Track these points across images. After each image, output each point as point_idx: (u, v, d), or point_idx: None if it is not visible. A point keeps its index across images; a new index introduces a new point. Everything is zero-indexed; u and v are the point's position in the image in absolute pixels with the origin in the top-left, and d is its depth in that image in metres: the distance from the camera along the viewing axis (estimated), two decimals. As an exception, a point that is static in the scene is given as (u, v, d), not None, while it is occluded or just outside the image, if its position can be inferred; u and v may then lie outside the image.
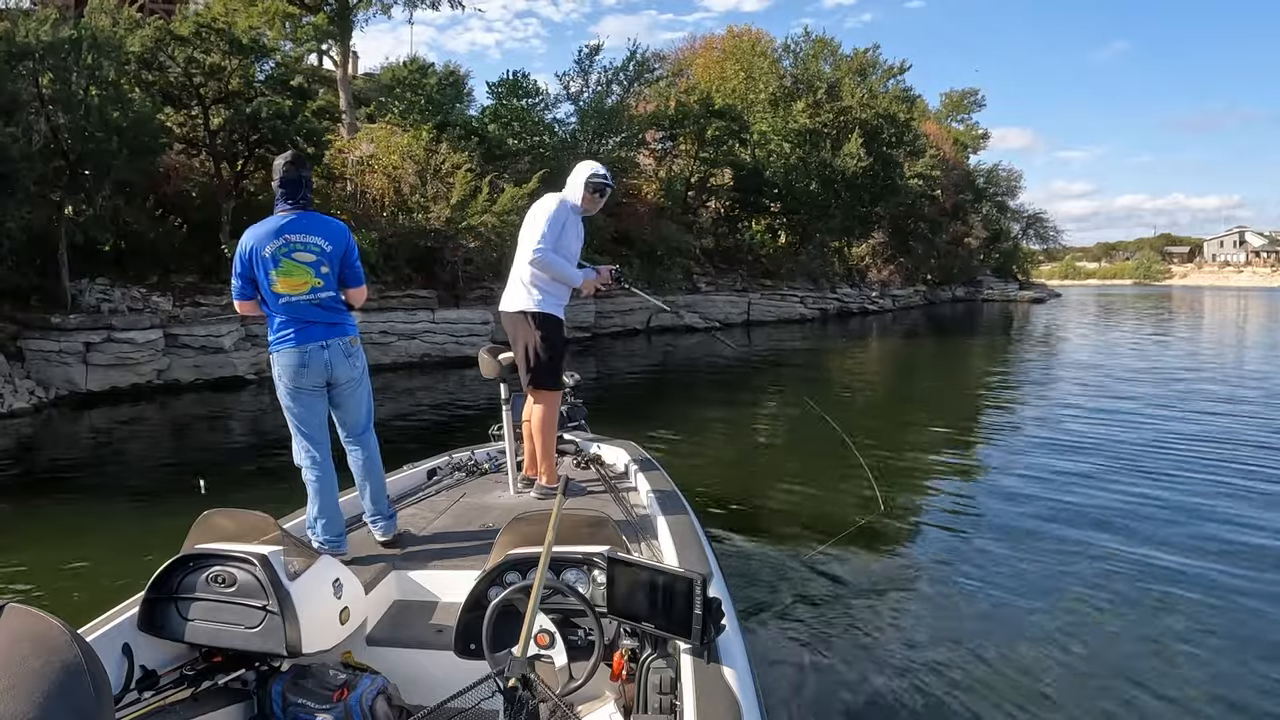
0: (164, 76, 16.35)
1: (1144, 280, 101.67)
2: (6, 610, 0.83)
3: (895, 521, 7.00)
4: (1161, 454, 9.35)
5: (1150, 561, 5.89)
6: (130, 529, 7.13)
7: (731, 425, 12.75)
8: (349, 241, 3.71)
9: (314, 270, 3.58)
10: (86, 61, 13.77)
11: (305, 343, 3.59)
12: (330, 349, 3.63)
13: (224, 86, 16.01)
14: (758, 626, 4.79)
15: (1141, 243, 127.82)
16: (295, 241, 3.54)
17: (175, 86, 16.47)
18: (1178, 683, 4.26)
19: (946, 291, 51.24)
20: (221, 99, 16.33)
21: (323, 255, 3.59)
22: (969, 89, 63.98)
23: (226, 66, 16.24)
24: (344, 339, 3.68)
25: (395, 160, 20.02)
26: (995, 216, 59.52)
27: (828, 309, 37.30)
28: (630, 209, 28.15)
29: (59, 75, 13.61)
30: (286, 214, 3.58)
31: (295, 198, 3.60)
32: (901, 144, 39.20)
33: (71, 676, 0.78)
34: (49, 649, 0.79)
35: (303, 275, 3.56)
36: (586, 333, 24.92)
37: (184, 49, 15.95)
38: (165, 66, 16.18)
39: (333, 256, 3.62)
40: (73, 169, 14.11)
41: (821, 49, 37.62)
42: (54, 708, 0.74)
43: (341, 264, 3.68)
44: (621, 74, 28.27)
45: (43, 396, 13.50)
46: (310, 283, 3.58)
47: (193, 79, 16.18)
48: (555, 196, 4.49)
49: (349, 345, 3.71)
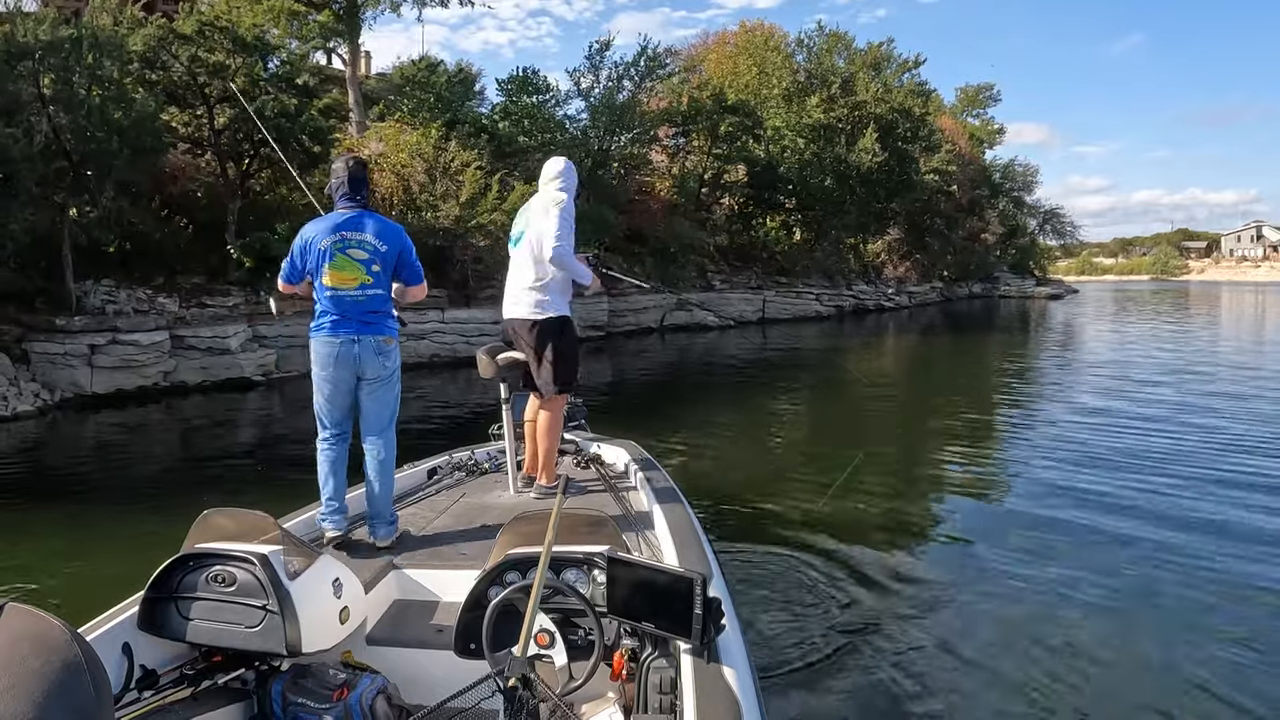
0: (168, 76, 16.21)
1: (1161, 276, 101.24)
2: (6, 609, 0.82)
3: (899, 524, 6.92)
4: (1194, 459, 8.97)
5: (1184, 570, 5.77)
6: (129, 532, 7.02)
7: (743, 425, 12.53)
8: (404, 243, 3.82)
9: (365, 268, 3.71)
10: (87, 61, 13.60)
11: (338, 334, 3.72)
12: (361, 344, 3.73)
13: (228, 85, 15.79)
14: (758, 626, 4.78)
15: (1158, 238, 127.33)
16: (351, 239, 3.70)
17: (179, 86, 16.34)
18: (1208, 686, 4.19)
19: (963, 288, 51.17)
20: (226, 98, 16.15)
21: (376, 254, 3.72)
22: (984, 84, 63.42)
23: (230, 65, 16.08)
24: (378, 337, 3.77)
25: (403, 158, 19.80)
26: (1012, 212, 59.45)
27: (843, 306, 37.03)
28: (643, 206, 27.95)
29: (60, 75, 13.48)
30: (346, 211, 3.76)
31: (356, 196, 3.77)
32: (917, 139, 38.82)
33: (71, 676, 0.78)
34: (49, 648, 0.79)
35: (354, 271, 3.70)
36: (600, 331, 24.71)
37: (187, 47, 15.80)
38: (168, 65, 16.03)
39: (387, 256, 3.75)
40: (76, 170, 13.99)
41: (835, 43, 37.27)
42: (54, 707, 0.75)
43: (398, 263, 3.81)
44: (633, 69, 27.96)
45: (48, 399, 13.37)
46: (360, 279, 3.71)
47: (197, 78, 16.02)
48: (563, 193, 4.44)
49: (382, 344, 3.78)
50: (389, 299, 3.85)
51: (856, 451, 9.04)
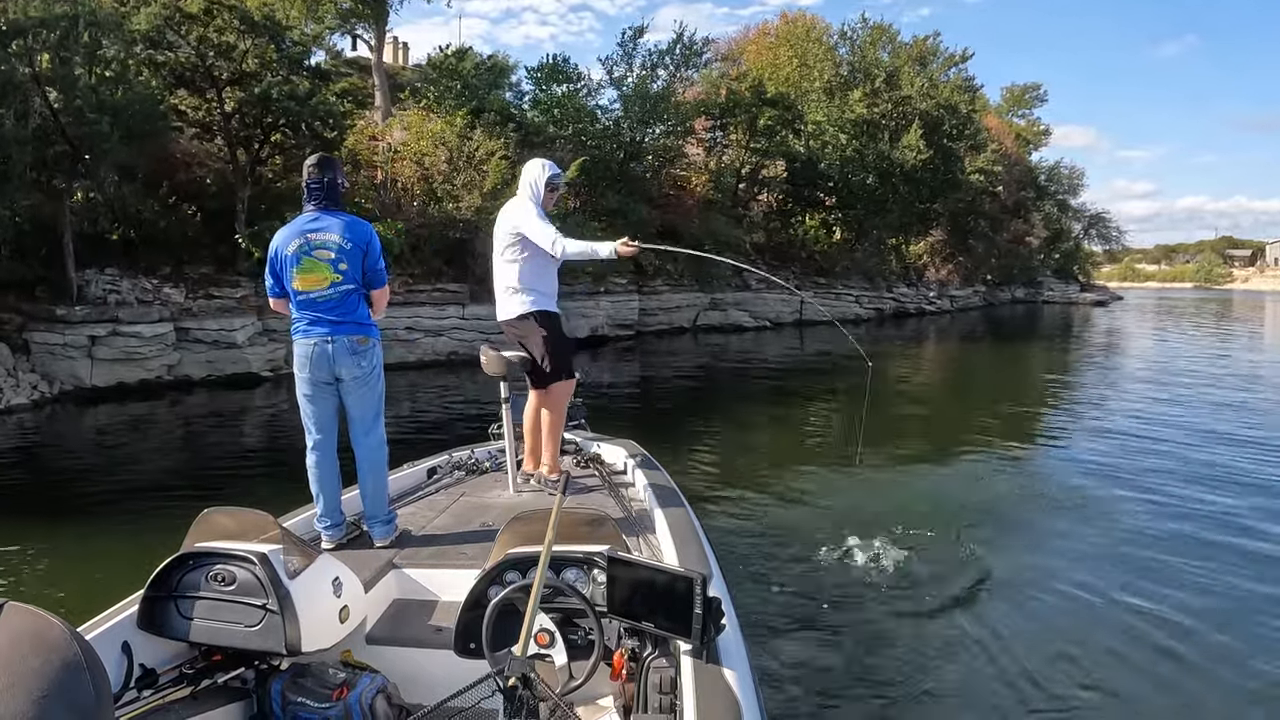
0: (175, 57, 15.68)
1: (1204, 284, 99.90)
2: (6, 608, 0.83)
3: (902, 526, 6.73)
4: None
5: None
6: (122, 535, 6.86)
7: (768, 433, 12.20)
8: (369, 238, 3.78)
9: (332, 267, 3.68)
10: (84, 40, 13.16)
11: (311, 336, 3.71)
12: (335, 344, 3.71)
13: (238, 67, 15.06)
14: (758, 626, 4.76)
15: (1202, 245, 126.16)
16: (314, 240, 3.68)
17: (187, 68, 15.80)
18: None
19: (1006, 292, 50.81)
20: (236, 80, 15.57)
21: (341, 252, 3.69)
22: (1030, 84, 61.83)
23: (240, 45, 15.44)
24: (352, 337, 3.74)
25: (425, 146, 19.16)
26: (1056, 215, 58.53)
27: (884, 309, 36.30)
28: (678, 201, 27.32)
29: (56, 54, 13.07)
30: (310, 213, 3.74)
31: (319, 199, 3.74)
32: (963, 137, 37.71)
33: (71, 675, 0.79)
34: (48, 647, 0.80)
35: (321, 272, 3.68)
36: (630, 330, 24.29)
37: (195, 27, 15.18)
38: (175, 46, 15.49)
39: (352, 253, 3.71)
40: (76, 154, 13.56)
41: (879, 36, 36.00)
42: (53, 706, 0.76)
43: (363, 262, 3.77)
44: (667, 58, 26.91)
45: (46, 391, 13.21)
46: (329, 278, 3.68)
47: (205, 59, 15.41)
48: (525, 200, 4.56)
49: (356, 344, 3.75)
50: (361, 295, 3.79)
51: (870, 458, 9.11)
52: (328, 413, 3.82)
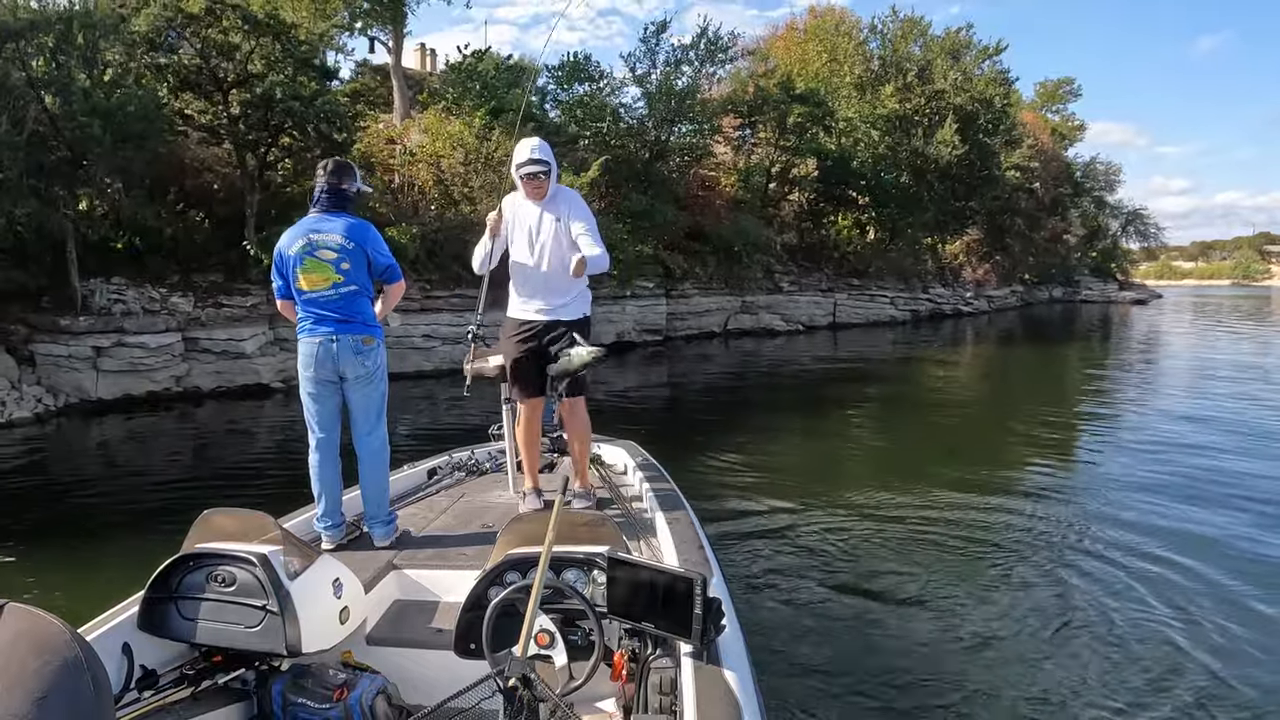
0: (178, 59, 15.19)
1: (1242, 280, 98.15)
2: (7, 610, 0.83)
3: (905, 531, 6.79)
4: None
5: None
6: (123, 552, 6.63)
7: (795, 441, 11.69)
8: (366, 235, 3.81)
9: (334, 267, 3.73)
10: (78, 42, 12.71)
11: (316, 334, 3.75)
12: (339, 344, 3.75)
13: (243, 68, 14.53)
14: (758, 627, 4.77)
15: (1240, 241, 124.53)
16: (316, 240, 3.73)
17: (191, 70, 15.28)
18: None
19: (1043, 292, 50.34)
20: (241, 82, 15.04)
21: (343, 252, 3.74)
22: (1064, 78, 60.19)
23: (243, 46, 14.89)
24: (356, 336, 3.78)
25: (440, 148, 18.63)
26: (1093, 212, 57.38)
27: (919, 310, 35.48)
28: (706, 201, 26.54)
29: (51, 58, 12.63)
30: (315, 215, 3.80)
31: (327, 198, 3.80)
32: (998, 131, 36.72)
33: (71, 676, 0.79)
34: (49, 648, 0.80)
35: (324, 272, 3.73)
36: (658, 335, 23.72)
37: (196, 28, 14.67)
38: (177, 48, 15.03)
39: (355, 254, 3.76)
40: (76, 161, 13.10)
41: (911, 29, 35.21)
42: (54, 706, 0.76)
43: (367, 261, 3.80)
44: (692, 53, 26.06)
45: (50, 404, 12.76)
46: (331, 279, 3.73)
47: (208, 60, 14.90)
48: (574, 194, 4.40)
49: (360, 343, 3.79)
50: (363, 295, 3.83)
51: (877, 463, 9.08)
52: (331, 412, 3.86)
